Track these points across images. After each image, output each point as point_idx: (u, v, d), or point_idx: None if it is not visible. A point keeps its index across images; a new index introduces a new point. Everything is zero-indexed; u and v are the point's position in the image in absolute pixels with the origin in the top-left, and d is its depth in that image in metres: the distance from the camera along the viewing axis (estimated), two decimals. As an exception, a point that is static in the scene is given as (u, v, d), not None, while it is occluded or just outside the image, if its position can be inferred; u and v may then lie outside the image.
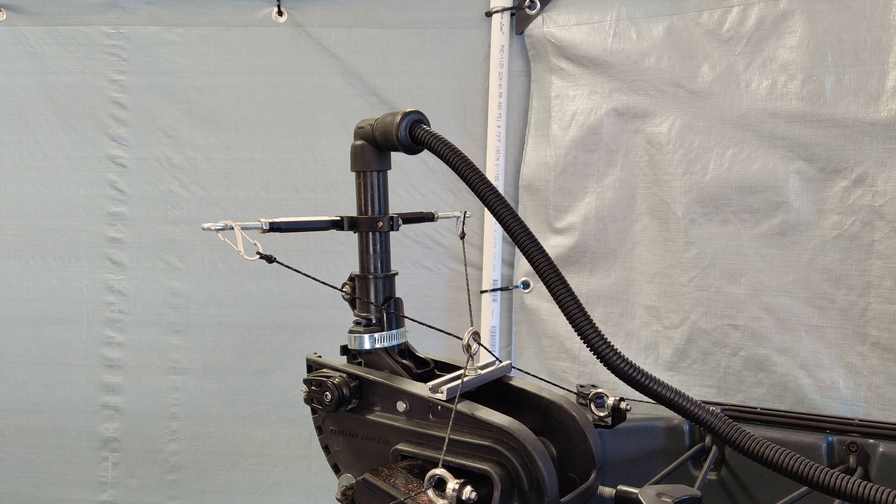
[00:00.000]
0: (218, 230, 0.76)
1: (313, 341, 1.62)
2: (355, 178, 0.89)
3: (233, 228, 0.77)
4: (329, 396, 0.84)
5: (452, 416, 0.75)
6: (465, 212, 1.05)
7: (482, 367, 0.86)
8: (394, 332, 0.91)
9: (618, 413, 0.90)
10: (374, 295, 0.90)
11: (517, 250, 1.66)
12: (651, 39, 1.50)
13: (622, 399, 0.90)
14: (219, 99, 1.74)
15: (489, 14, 1.66)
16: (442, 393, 0.79)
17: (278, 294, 1.76)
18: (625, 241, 1.59)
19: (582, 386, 0.92)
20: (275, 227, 0.83)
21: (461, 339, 0.76)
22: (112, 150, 1.76)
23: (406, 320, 0.92)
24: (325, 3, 1.69)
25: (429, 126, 0.82)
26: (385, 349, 0.90)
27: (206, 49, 1.72)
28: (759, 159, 1.40)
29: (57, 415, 1.81)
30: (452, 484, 0.67)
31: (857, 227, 1.33)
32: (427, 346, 0.97)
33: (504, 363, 0.89)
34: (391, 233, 0.91)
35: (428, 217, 1.00)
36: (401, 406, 0.83)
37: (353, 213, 0.90)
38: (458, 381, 0.80)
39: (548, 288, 0.67)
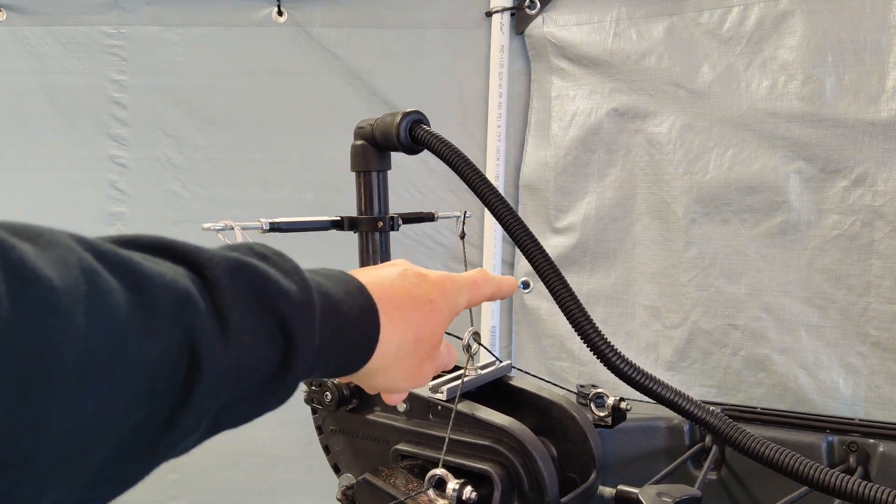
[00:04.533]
0: (218, 230, 0.76)
1: (313, 341, 1.61)
2: (355, 178, 0.89)
3: (233, 228, 0.77)
4: (329, 396, 0.85)
5: (453, 415, 0.75)
6: (465, 212, 1.05)
7: (482, 367, 0.86)
8: (394, 332, 0.90)
9: (618, 413, 0.90)
10: (374, 295, 0.90)
11: (517, 250, 1.66)
12: (651, 39, 1.50)
13: (622, 399, 0.90)
14: (219, 99, 1.74)
15: (489, 14, 1.66)
16: (442, 393, 0.79)
17: (278, 294, 1.75)
18: (625, 241, 1.59)
19: (582, 386, 0.92)
20: (275, 228, 0.83)
21: (461, 339, 0.76)
22: (112, 150, 1.76)
23: (406, 320, 0.92)
24: (326, 3, 1.69)
25: (429, 126, 0.82)
26: (385, 349, 0.90)
27: (206, 49, 1.72)
28: (759, 159, 1.40)
29: (57, 415, 1.81)
30: (453, 484, 0.67)
31: (857, 227, 1.33)
32: (427, 346, 0.97)
33: (504, 363, 0.90)
34: (391, 233, 0.91)
35: (428, 217, 1.00)
36: (401, 406, 0.83)
37: (354, 213, 0.90)
38: (459, 381, 0.80)
39: (548, 288, 0.67)
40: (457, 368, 0.86)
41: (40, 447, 0.24)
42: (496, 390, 0.88)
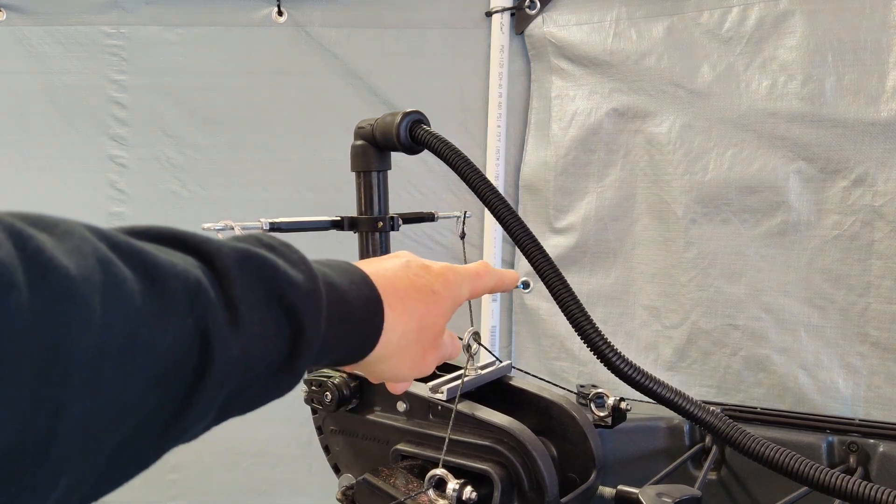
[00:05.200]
0: (218, 230, 0.76)
1: (313, 341, 1.61)
2: (355, 179, 0.89)
3: (233, 228, 0.77)
4: (329, 396, 0.84)
5: (453, 416, 0.75)
6: (465, 212, 1.05)
7: (482, 368, 0.86)
8: (394, 332, 0.90)
9: (618, 413, 0.90)
10: (374, 295, 0.90)
11: (517, 250, 1.67)
12: (651, 39, 1.50)
13: (622, 399, 0.90)
14: (219, 99, 1.74)
15: (489, 14, 1.66)
16: (442, 393, 0.79)
17: (278, 294, 1.75)
18: (625, 241, 1.59)
19: (582, 386, 0.92)
20: (275, 227, 0.83)
21: (461, 339, 0.76)
22: (112, 150, 1.76)
23: (406, 320, 0.92)
24: (325, 3, 1.69)
25: (429, 126, 0.82)
26: (385, 349, 0.89)
27: (206, 49, 1.72)
28: (759, 159, 1.40)
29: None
30: (453, 484, 0.67)
31: (857, 227, 1.33)
32: (427, 346, 0.96)
33: (504, 363, 0.89)
34: (391, 233, 0.91)
35: (428, 217, 1.00)
36: (401, 406, 0.83)
37: (354, 213, 0.90)
38: (459, 382, 0.80)
39: (548, 288, 0.67)
40: (457, 368, 0.86)
41: (58, 432, 0.25)
42: (496, 390, 0.88)
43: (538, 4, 1.63)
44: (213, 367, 0.31)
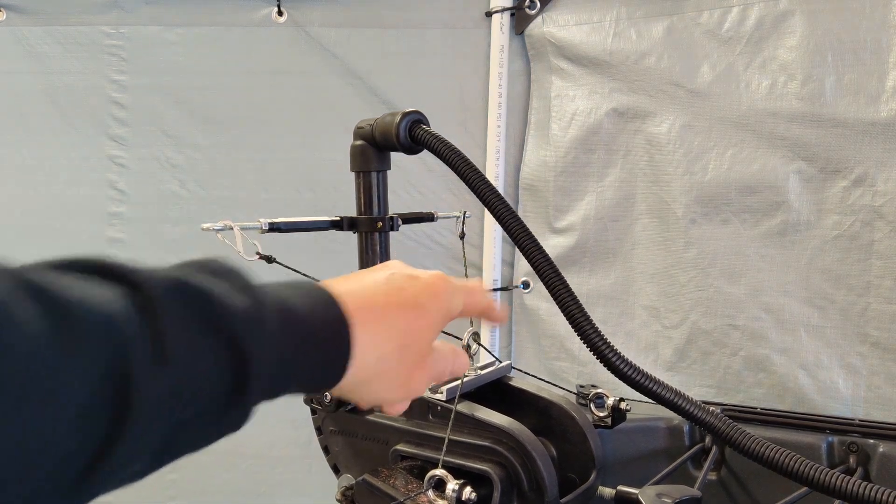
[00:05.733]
0: (217, 230, 0.76)
1: (313, 341, 1.61)
2: (355, 179, 0.89)
3: (232, 228, 0.77)
4: (329, 397, 0.85)
5: (452, 416, 0.75)
6: (465, 212, 1.05)
7: (482, 368, 0.86)
8: (393, 332, 0.90)
9: (618, 413, 0.90)
10: (373, 295, 0.90)
11: (517, 250, 1.67)
12: (651, 39, 1.50)
13: (622, 399, 0.90)
14: (219, 99, 1.74)
15: (489, 14, 1.66)
16: (441, 393, 0.79)
17: (278, 294, 1.75)
18: (625, 241, 1.59)
19: (582, 386, 0.92)
20: (274, 228, 0.83)
21: (461, 340, 0.76)
22: (112, 150, 1.76)
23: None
24: (325, 3, 1.69)
25: (428, 126, 0.82)
26: (385, 349, 0.89)
27: (206, 49, 1.72)
28: (759, 159, 1.40)
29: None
30: (452, 484, 0.67)
31: (857, 227, 1.32)
32: (427, 347, 0.96)
33: (504, 363, 0.89)
34: (391, 233, 0.91)
35: (427, 217, 1.00)
36: (400, 406, 0.83)
37: (353, 213, 0.90)
38: (458, 382, 0.80)
39: (548, 288, 0.67)
40: (456, 369, 0.86)
41: None
42: (496, 391, 0.88)
43: (538, 4, 1.63)
44: (135, 405, 0.30)
